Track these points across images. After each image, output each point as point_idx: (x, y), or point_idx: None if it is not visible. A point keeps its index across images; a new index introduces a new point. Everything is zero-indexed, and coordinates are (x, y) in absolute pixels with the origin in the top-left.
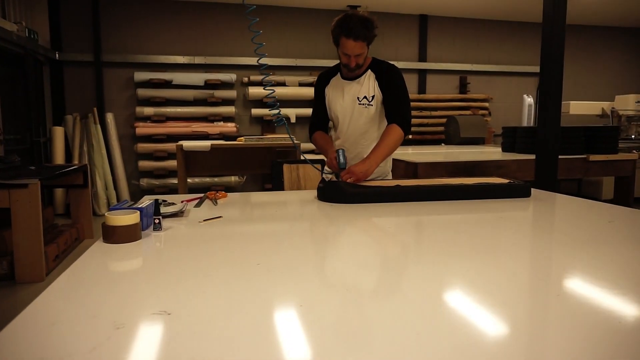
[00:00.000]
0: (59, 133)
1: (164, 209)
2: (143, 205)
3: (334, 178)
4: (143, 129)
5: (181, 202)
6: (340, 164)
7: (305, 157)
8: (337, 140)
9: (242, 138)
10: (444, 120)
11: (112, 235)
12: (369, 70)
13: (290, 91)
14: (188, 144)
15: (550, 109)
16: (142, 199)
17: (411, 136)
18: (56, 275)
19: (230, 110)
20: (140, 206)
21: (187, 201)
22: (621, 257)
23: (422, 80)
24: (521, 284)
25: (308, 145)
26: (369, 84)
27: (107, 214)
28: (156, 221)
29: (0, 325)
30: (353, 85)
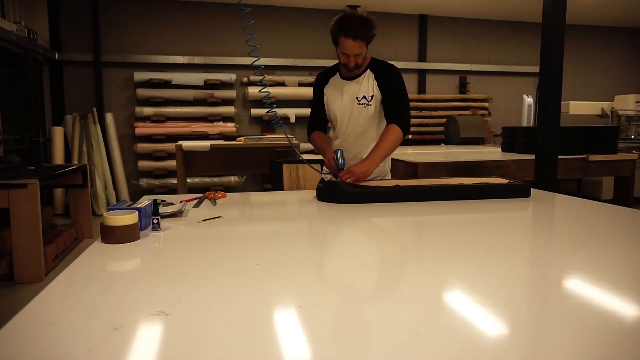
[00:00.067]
0: (58, 133)
1: (163, 209)
2: (142, 205)
3: (332, 178)
4: (142, 129)
5: (180, 202)
6: (338, 164)
7: (304, 158)
8: (335, 140)
9: (242, 138)
10: (443, 120)
11: (111, 235)
12: (368, 70)
13: (290, 91)
14: (187, 144)
15: (550, 109)
16: (141, 199)
17: (411, 136)
18: (55, 275)
19: (229, 110)
20: (138, 206)
21: (186, 201)
22: (621, 257)
23: (421, 80)
24: (521, 284)
25: (308, 145)
26: (368, 83)
27: (106, 214)
28: (155, 221)
29: None
30: (352, 85)
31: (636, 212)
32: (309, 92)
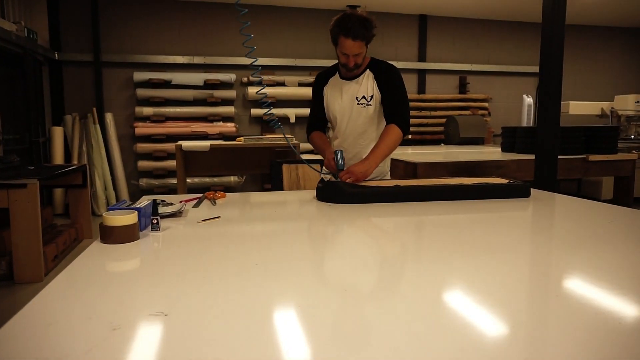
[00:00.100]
0: (58, 133)
1: (162, 209)
2: (141, 205)
3: (332, 178)
4: (142, 129)
5: (180, 202)
6: (338, 164)
7: (303, 158)
8: (335, 140)
9: (242, 138)
10: (443, 120)
11: (110, 235)
12: (368, 70)
13: (290, 91)
14: (187, 144)
15: (550, 109)
16: (141, 199)
17: (411, 136)
18: (55, 275)
19: (229, 110)
20: (138, 206)
21: (185, 201)
22: (621, 257)
23: (421, 80)
24: (520, 284)
25: (308, 145)
26: (367, 83)
27: (105, 214)
28: (154, 221)
29: None
30: (352, 85)
31: (636, 212)
32: (308, 92)
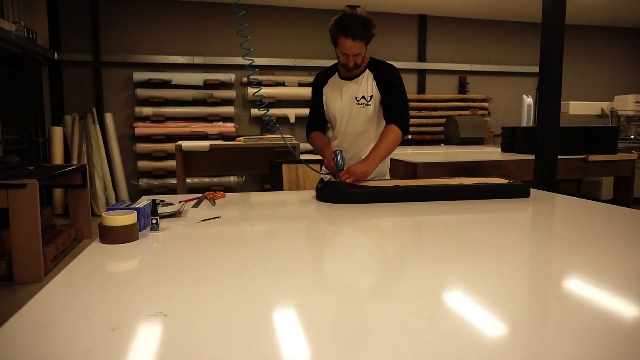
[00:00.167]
0: (57, 133)
1: (162, 209)
2: (140, 205)
3: (332, 178)
4: (142, 129)
5: (179, 202)
6: (338, 164)
7: (302, 159)
8: (334, 140)
9: (241, 138)
10: (443, 120)
11: (109, 235)
12: (367, 70)
13: (290, 91)
14: (187, 144)
15: (550, 109)
16: (140, 199)
17: (410, 136)
18: (54, 275)
19: (229, 110)
20: (137, 206)
21: (185, 201)
22: (621, 257)
23: (421, 81)
24: (520, 284)
25: (307, 145)
26: (367, 83)
27: (104, 214)
28: (153, 221)
29: None
30: (351, 85)
31: (636, 212)
32: (308, 92)
